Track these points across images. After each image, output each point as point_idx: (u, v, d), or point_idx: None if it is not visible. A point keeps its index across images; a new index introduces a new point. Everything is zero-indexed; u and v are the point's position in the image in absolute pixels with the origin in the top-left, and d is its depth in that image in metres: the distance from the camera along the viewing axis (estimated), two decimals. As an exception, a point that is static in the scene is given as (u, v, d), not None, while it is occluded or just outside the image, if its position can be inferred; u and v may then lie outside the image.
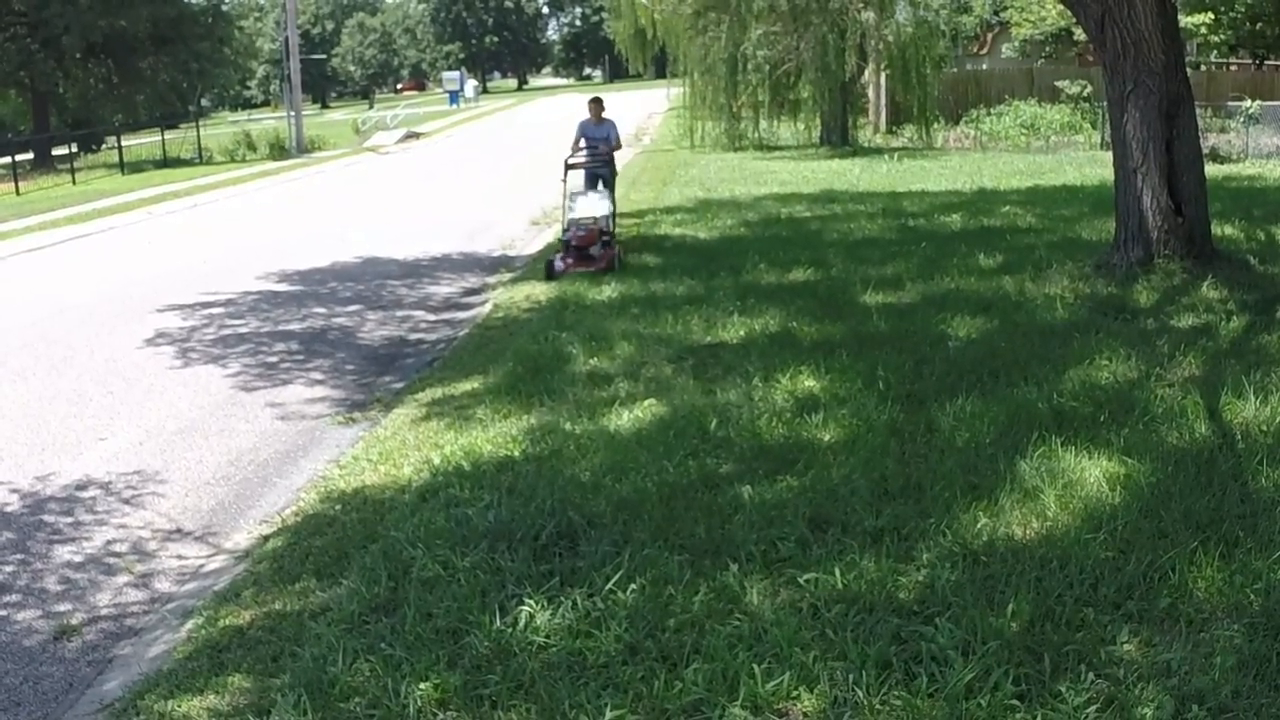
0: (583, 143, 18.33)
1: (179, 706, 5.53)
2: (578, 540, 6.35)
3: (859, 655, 4.94)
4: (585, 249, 15.70)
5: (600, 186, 17.84)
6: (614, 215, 16.78)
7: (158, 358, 13.08)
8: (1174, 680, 4.70)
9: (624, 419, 8.37)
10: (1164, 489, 6.43)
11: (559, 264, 15.69)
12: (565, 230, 16.27)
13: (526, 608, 5.65)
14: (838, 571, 5.63)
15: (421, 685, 5.16)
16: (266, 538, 7.74)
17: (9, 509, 8.85)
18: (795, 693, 4.75)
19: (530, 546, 6.33)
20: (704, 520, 6.39)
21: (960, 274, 12.97)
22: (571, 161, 17.82)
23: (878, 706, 4.60)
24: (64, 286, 18.54)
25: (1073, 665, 4.81)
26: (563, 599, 5.70)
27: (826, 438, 7.58)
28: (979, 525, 6.11)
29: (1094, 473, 6.70)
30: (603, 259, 15.61)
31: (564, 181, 17.26)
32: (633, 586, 5.71)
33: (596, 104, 18.65)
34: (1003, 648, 4.93)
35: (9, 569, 7.89)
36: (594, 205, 16.61)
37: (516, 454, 7.92)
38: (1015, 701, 4.57)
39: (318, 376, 11.97)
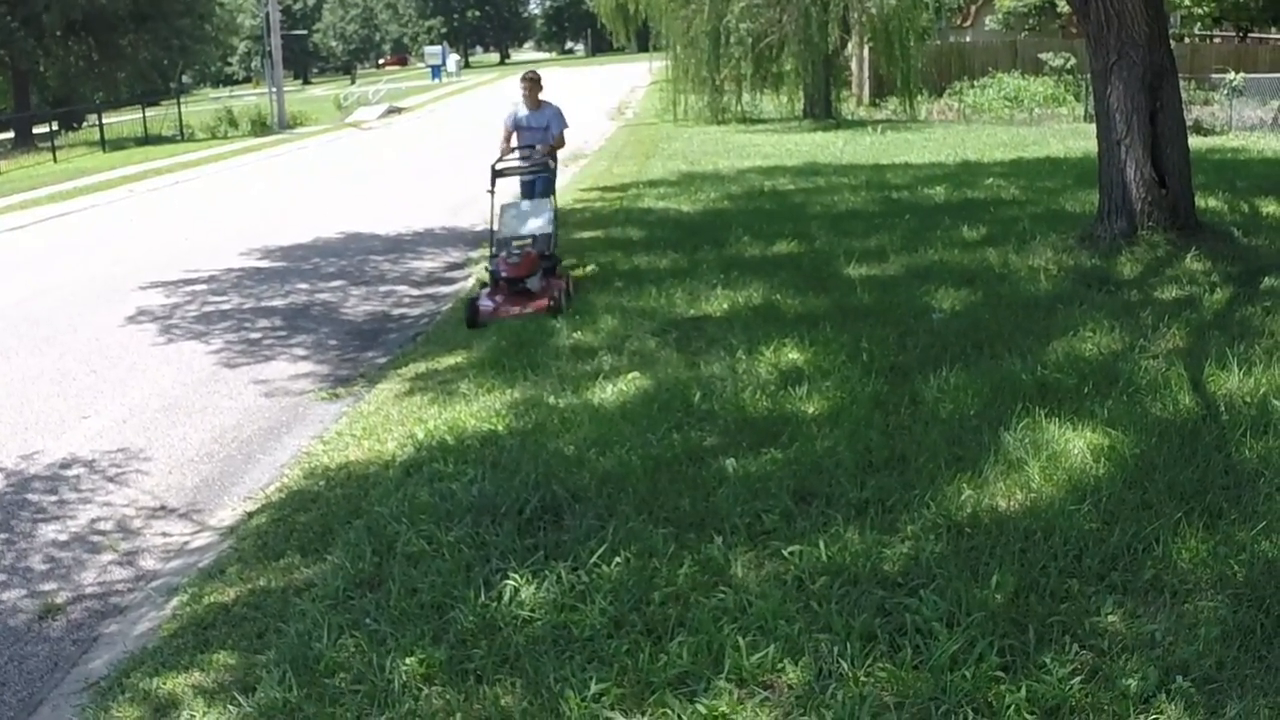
0: (514, 140, 14.68)
1: (165, 684, 5.52)
2: (562, 514, 6.35)
3: (844, 627, 4.94)
4: (519, 280, 12.00)
5: (538, 194, 14.32)
6: (556, 233, 13.16)
7: (141, 335, 13.05)
8: (1158, 651, 4.70)
9: (608, 392, 8.36)
10: (1148, 460, 6.44)
11: (485, 304, 11.97)
12: (492, 256, 12.58)
13: (511, 582, 5.65)
14: (822, 544, 5.63)
15: (407, 660, 5.16)
16: (251, 514, 7.73)
17: (-8, 489, 8.83)
18: (780, 665, 4.75)
19: (515, 521, 6.33)
20: (688, 493, 6.39)
21: (944, 246, 12.96)
22: (500, 167, 13.80)
23: (863, 678, 4.60)
24: (46, 265, 18.48)
25: (1057, 636, 4.81)
26: (547, 573, 5.70)
27: (810, 410, 7.58)
28: (963, 497, 6.11)
29: (1078, 444, 6.71)
30: (544, 295, 11.89)
31: (490, 192, 13.42)
32: (617, 560, 5.71)
33: (531, 83, 14.81)
34: (987, 619, 4.93)
35: (-7, 548, 7.88)
36: (530, 219, 13.12)
37: (500, 428, 7.91)
38: (1000, 673, 4.57)
39: (301, 352, 11.95)
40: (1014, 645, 4.76)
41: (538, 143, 14.30)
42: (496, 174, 13.60)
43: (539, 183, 14.49)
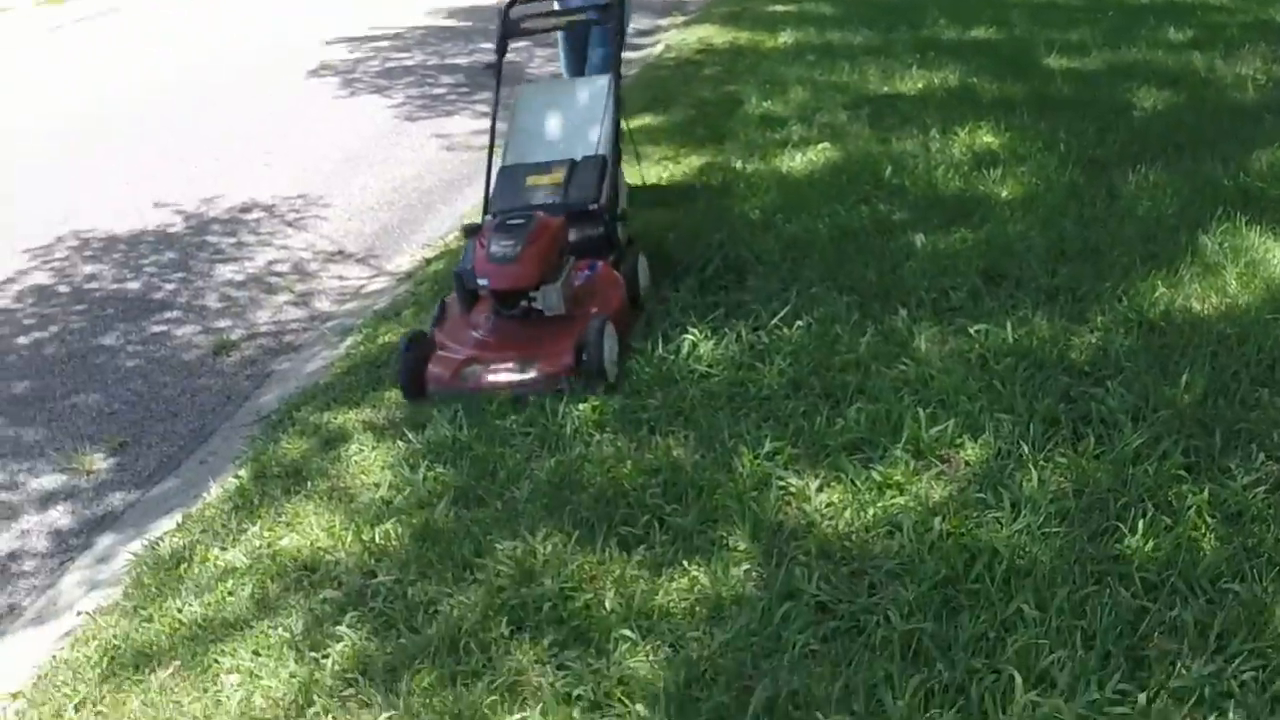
0: None
1: (335, 419, 5.61)
2: (746, 275, 6.27)
3: (1026, 410, 4.80)
4: (517, 295, 5.76)
5: (593, 66, 8.05)
6: (617, 159, 6.70)
7: (323, 89, 13.16)
8: (1348, 466, 4.50)
9: (796, 161, 8.19)
10: (1352, 278, 6.15)
11: (445, 357, 5.77)
12: (468, 230, 6.34)
13: (690, 336, 5.60)
14: (1009, 326, 5.47)
15: (580, 406, 5.18)
16: (429, 260, 7.78)
17: (172, 230, 9.00)
18: (959, 440, 4.65)
19: (697, 278, 6.26)
20: (874, 264, 6.23)
21: (1148, 46, 12.43)
22: (517, 13, 7.08)
23: (1042, 463, 4.47)
24: (227, 29, 18.59)
25: (1243, 444, 4.61)
26: (727, 330, 5.65)
27: (1004, 194, 7.34)
28: (1156, 294, 5.87)
29: (1278, 255, 6.43)
30: (571, 329, 5.66)
31: (493, 66, 7.20)
32: (799, 323, 5.63)
33: None
34: (1173, 418, 4.75)
35: (170, 287, 8.04)
36: (566, 122, 6.86)
37: (686, 190, 7.84)
38: (1183, 472, 4.40)
39: (483, 109, 11.84)
40: (1199, 447, 4.58)
41: None
42: (509, 29, 7.08)
43: (596, 41, 8.10)
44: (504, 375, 5.57)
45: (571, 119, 6.85)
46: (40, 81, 15.60)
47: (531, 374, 5.52)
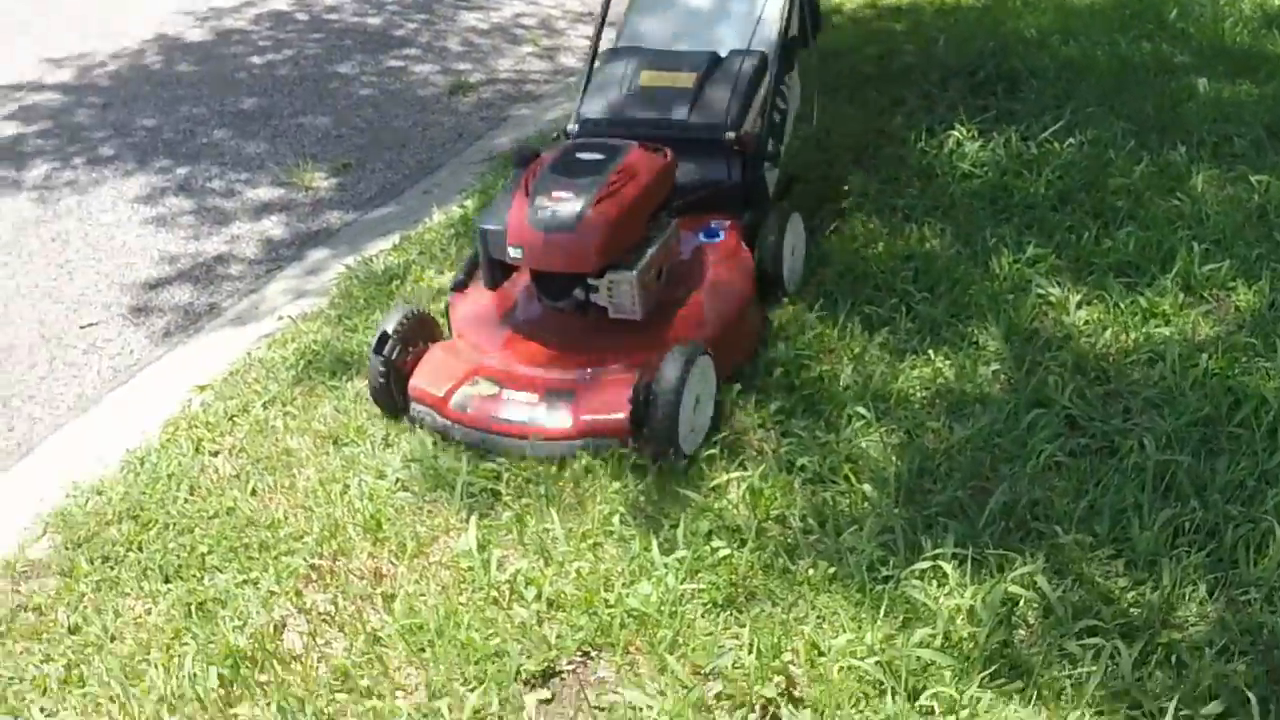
0: None
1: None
2: (1019, 86, 5.95)
3: (1306, 265, 4.46)
4: (572, 281, 3.76)
5: None
6: (782, 66, 4.51)
7: None
8: None
9: (1079, -12, 7.81)
10: None
11: (442, 349, 3.86)
12: (519, 161, 4.07)
13: (955, 133, 5.34)
14: (1290, 181, 5.10)
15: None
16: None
17: (416, -27, 8.86)
18: (1232, 283, 4.33)
19: (967, 81, 5.98)
20: (1153, 99, 5.83)
21: None
22: None
23: (1319, 320, 4.14)
24: None
25: None
26: (995, 135, 5.37)
27: (1293, 56, 6.89)
28: None
29: None
30: (641, 355, 3.64)
31: None
32: (1070, 141, 5.32)
33: None
34: None
35: (411, 26, 7.97)
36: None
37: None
38: None
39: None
40: None
41: None
42: None
43: None
44: (520, 412, 3.61)
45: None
46: None
47: (563, 420, 3.57)
